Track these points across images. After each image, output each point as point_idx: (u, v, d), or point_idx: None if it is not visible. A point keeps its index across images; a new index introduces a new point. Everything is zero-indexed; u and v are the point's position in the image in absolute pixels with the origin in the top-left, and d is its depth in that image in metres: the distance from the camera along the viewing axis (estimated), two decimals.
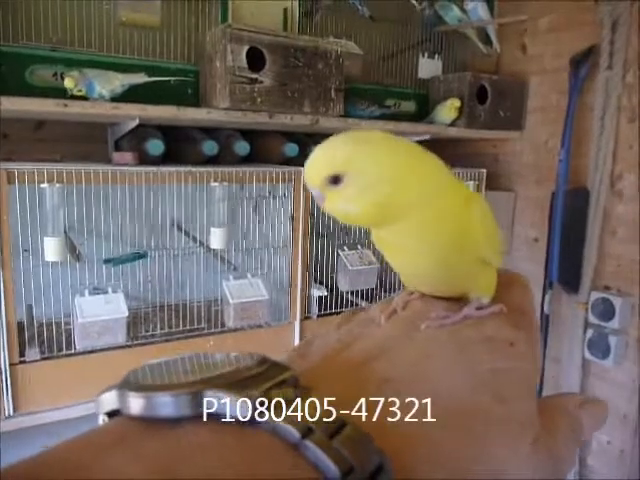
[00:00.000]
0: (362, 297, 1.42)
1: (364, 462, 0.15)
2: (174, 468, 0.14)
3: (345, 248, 1.38)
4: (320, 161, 0.24)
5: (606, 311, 1.41)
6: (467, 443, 0.18)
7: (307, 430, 0.15)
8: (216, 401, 0.16)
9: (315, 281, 1.35)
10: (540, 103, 1.59)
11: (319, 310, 1.35)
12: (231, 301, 1.18)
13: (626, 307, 1.39)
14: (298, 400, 0.16)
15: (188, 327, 1.20)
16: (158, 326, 1.19)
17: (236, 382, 0.16)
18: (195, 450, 0.15)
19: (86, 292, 1.08)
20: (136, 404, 0.16)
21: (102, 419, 0.17)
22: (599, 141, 1.41)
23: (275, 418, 0.15)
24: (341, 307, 1.37)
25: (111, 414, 0.17)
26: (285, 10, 1.36)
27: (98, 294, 1.09)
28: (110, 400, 0.17)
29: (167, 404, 0.16)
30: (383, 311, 0.25)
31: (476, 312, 0.24)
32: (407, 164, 0.24)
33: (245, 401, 0.15)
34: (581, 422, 0.23)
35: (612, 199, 1.41)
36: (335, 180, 0.24)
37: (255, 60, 1.15)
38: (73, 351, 1.06)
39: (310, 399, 0.16)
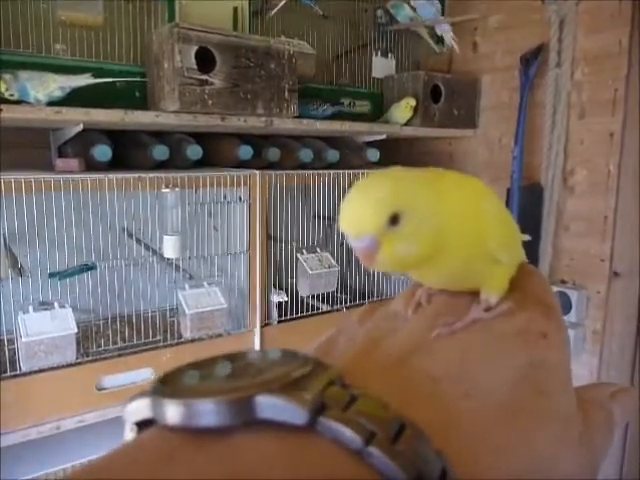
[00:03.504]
0: (323, 301, 1.40)
1: (430, 467, 0.14)
2: (235, 472, 0.12)
3: (304, 252, 1.35)
4: (372, 203, 0.22)
5: (563, 305, 1.43)
6: (519, 440, 0.18)
7: (369, 434, 0.14)
8: (269, 407, 0.14)
9: (274, 286, 1.32)
10: (492, 101, 1.61)
11: (279, 316, 1.32)
12: (187, 311, 1.13)
13: (582, 300, 1.41)
14: (352, 401, 0.15)
15: (143, 340, 1.15)
16: (110, 340, 1.13)
17: (286, 385, 0.14)
18: (258, 464, 0.13)
19: (30, 308, 1.01)
20: (174, 412, 0.14)
21: (130, 430, 0.15)
22: (551, 137, 1.43)
23: (333, 423, 0.14)
24: (302, 312, 1.34)
25: (140, 424, 0.15)
26: (235, 9, 1.32)
27: (44, 310, 1.03)
28: (141, 408, 0.15)
29: (211, 412, 0.14)
30: (407, 304, 0.24)
31: (485, 314, 0.23)
32: (433, 188, 0.24)
33: (301, 406, 0.14)
34: (613, 414, 0.22)
35: (565, 194, 1.44)
36: (394, 220, 0.22)
37: (205, 61, 1.11)
38: (18, 372, 1.00)
39: (367, 400, 0.15)
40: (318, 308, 1.39)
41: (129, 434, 0.15)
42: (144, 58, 1.20)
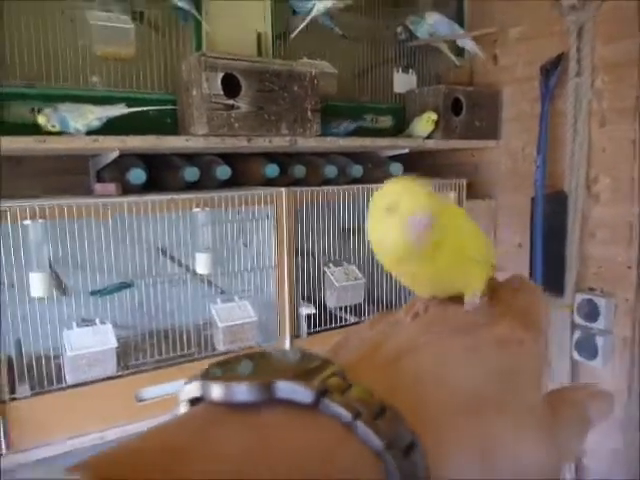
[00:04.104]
0: (350, 312, 1.44)
1: (401, 439, 0.18)
2: (261, 440, 0.17)
3: (331, 265, 1.39)
4: (429, 193, 0.28)
5: (591, 312, 1.43)
6: (483, 428, 0.21)
7: (357, 412, 0.18)
8: (286, 389, 0.19)
9: (303, 299, 1.36)
10: (514, 112, 1.63)
11: (308, 328, 1.36)
12: (220, 325, 1.19)
13: (610, 307, 1.41)
14: (348, 389, 0.19)
15: (179, 353, 1.20)
16: (148, 354, 1.19)
17: (300, 374, 0.19)
18: (273, 427, 0.18)
19: (74, 325, 1.08)
20: (217, 391, 0.19)
21: (184, 406, 0.20)
22: (573, 146, 1.44)
23: (332, 403, 0.19)
24: (330, 324, 1.38)
25: (191, 402, 0.20)
26: (259, 34, 1.38)
27: (86, 326, 1.09)
28: (193, 389, 0.20)
29: (244, 391, 0.19)
30: (408, 313, 0.29)
31: (474, 305, 0.29)
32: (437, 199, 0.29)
33: (308, 389, 0.19)
34: (588, 413, 0.25)
35: (589, 202, 1.44)
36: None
37: (231, 86, 1.17)
38: (64, 385, 1.06)
39: (358, 388, 0.20)
40: (346, 319, 1.43)
41: (182, 409, 0.20)
42: (174, 86, 1.26)
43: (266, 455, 0.17)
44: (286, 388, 0.19)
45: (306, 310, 1.34)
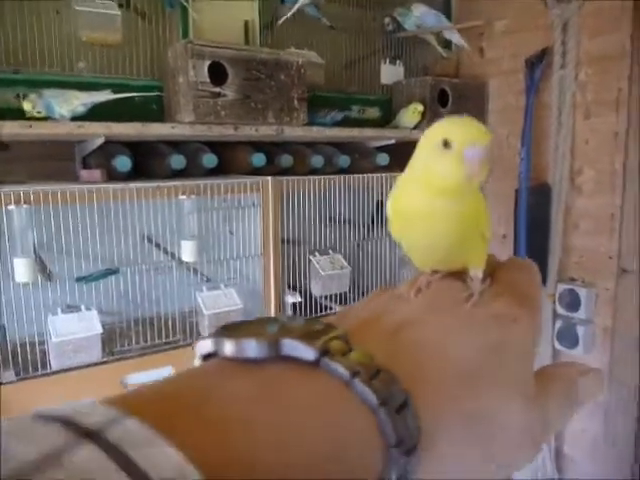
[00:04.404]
0: (336, 301, 1.45)
1: (394, 397, 0.20)
2: (268, 387, 0.19)
3: (317, 254, 1.40)
4: (486, 128, 0.29)
5: (572, 302, 1.45)
6: (475, 396, 0.23)
7: (355, 372, 0.20)
8: (290, 347, 0.20)
9: (289, 287, 1.37)
10: (500, 104, 1.64)
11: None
12: (205, 312, 1.19)
13: (591, 297, 1.44)
14: (348, 351, 0.21)
15: (164, 340, 1.21)
16: (134, 340, 1.19)
17: (304, 334, 0.21)
18: (279, 377, 0.20)
19: (59, 311, 1.08)
20: (230, 347, 0.20)
21: (198, 360, 0.22)
22: (557, 138, 1.46)
23: (333, 362, 0.20)
24: (315, 312, 1.39)
25: (205, 357, 0.22)
26: (246, 22, 1.38)
27: (71, 312, 1.09)
28: (207, 345, 0.21)
29: (253, 348, 0.20)
30: (411, 288, 0.30)
31: (477, 288, 0.30)
32: None
33: (312, 348, 0.20)
34: (577, 389, 0.27)
35: (573, 193, 1.46)
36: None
37: (218, 74, 1.18)
38: (49, 370, 1.07)
39: (358, 351, 0.21)
40: (331, 308, 1.44)
41: (197, 362, 0.22)
42: (161, 73, 1.26)
43: (271, 400, 0.19)
44: (291, 346, 0.20)
45: (292, 298, 1.35)
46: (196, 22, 1.30)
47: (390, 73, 1.67)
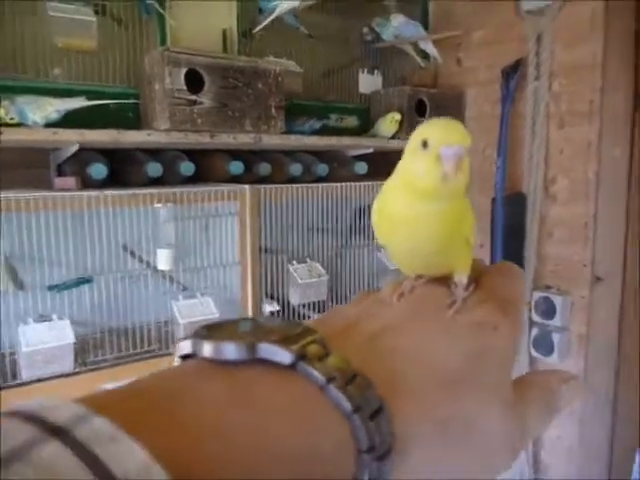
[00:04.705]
0: (314, 309, 1.44)
1: (369, 403, 0.20)
2: (243, 390, 0.19)
3: (294, 262, 1.39)
4: (465, 130, 0.28)
5: (548, 309, 1.47)
6: (448, 400, 0.23)
7: (331, 377, 0.20)
8: (268, 350, 0.20)
9: (266, 296, 1.37)
10: (476, 113, 1.66)
11: None
12: (181, 321, 1.18)
13: (566, 305, 1.45)
14: (325, 356, 0.21)
15: (139, 350, 1.19)
16: (107, 350, 1.18)
17: (282, 338, 0.21)
18: (255, 380, 0.20)
19: (30, 320, 1.06)
20: (208, 349, 0.20)
21: (177, 361, 0.22)
22: (532, 148, 1.48)
23: (308, 366, 0.20)
24: (293, 320, 1.38)
25: (184, 358, 0.22)
26: (224, 31, 1.38)
27: (43, 322, 1.07)
28: (186, 346, 0.21)
29: (231, 350, 0.20)
30: (394, 293, 0.30)
31: (461, 295, 0.29)
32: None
33: (288, 352, 0.20)
34: (556, 396, 0.27)
35: (547, 202, 1.48)
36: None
37: (194, 81, 1.17)
38: (19, 381, 1.04)
39: (335, 356, 0.21)
40: (309, 316, 1.44)
41: (176, 363, 0.22)
42: (137, 80, 1.25)
43: (245, 403, 0.19)
44: (268, 349, 0.20)
45: (269, 307, 1.34)
46: (173, 29, 1.30)
47: (368, 82, 1.68)
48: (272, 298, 1.37)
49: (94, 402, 0.16)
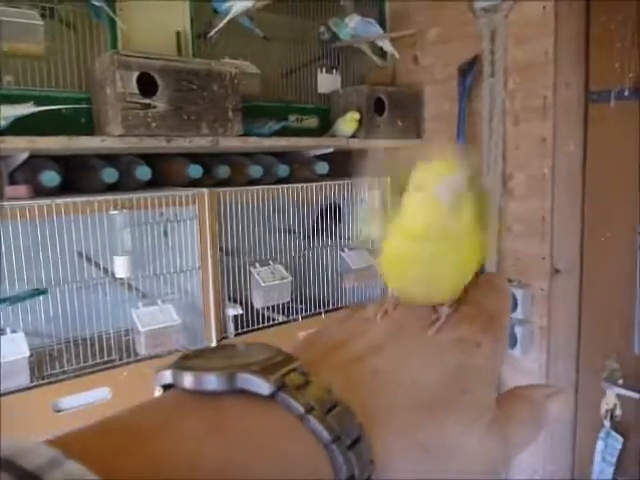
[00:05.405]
0: (278, 311, 1.44)
1: (348, 433, 0.20)
2: (221, 423, 0.19)
3: (257, 265, 1.38)
4: (459, 167, 0.27)
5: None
6: (429, 423, 0.23)
7: (310, 407, 0.20)
8: (247, 381, 0.20)
9: (229, 300, 1.35)
10: (434, 111, 1.68)
11: (236, 329, 1.35)
12: (141, 329, 1.16)
13: (527, 297, 1.48)
14: (305, 385, 0.21)
15: (99, 360, 1.17)
16: (66, 362, 1.15)
17: (262, 368, 0.21)
18: (233, 412, 0.20)
19: None
20: (188, 380, 0.21)
21: (158, 391, 0.22)
22: (489, 144, 1.50)
23: (287, 397, 0.20)
24: (258, 324, 1.38)
25: (165, 387, 0.22)
26: (178, 33, 1.36)
27: None
28: (166, 376, 0.22)
29: (212, 381, 0.20)
30: (377, 311, 0.30)
31: (445, 313, 0.29)
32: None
33: (267, 382, 0.20)
34: (544, 410, 0.27)
35: (505, 197, 1.50)
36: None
37: (148, 85, 1.15)
38: None
39: (315, 384, 0.21)
40: (274, 319, 1.43)
41: (157, 393, 0.22)
42: (89, 85, 1.23)
43: (223, 436, 0.19)
44: (247, 380, 0.20)
45: (232, 311, 1.33)
46: (125, 33, 1.27)
47: (327, 82, 1.68)
48: (235, 302, 1.36)
49: (69, 442, 0.16)
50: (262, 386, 0.20)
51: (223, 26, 1.36)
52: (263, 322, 1.39)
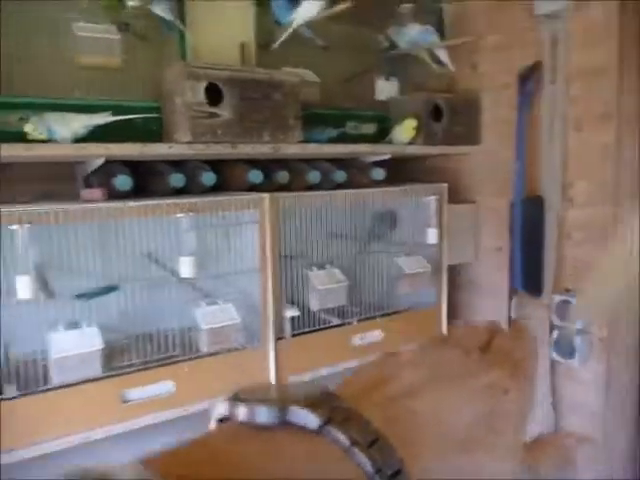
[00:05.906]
0: (334, 314, 1.47)
1: (389, 465, 0.22)
2: (274, 450, 0.22)
3: (314, 268, 1.42)
4: None
5: (568, 312, 1.47)
6: (466, 459, 0.26)
7: (354, 440, 0.22)
8: (297, 415, 0.23)
9: (287, 301, 1.39)
10: (493, 118, 1.67)
11: (292, 329, 1.39)
12: (203, 327, 1.21)
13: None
14: (349, 420, 0.23)
15: (163, 355, 1.23)
16: (133, 356, 1.22)
17: (310, 403, 0.23)
18: (286, 444, 0.22)
19: (60, 327, 1.11)
20: (243, 412, 0.23)
21: (215, 423, 0.25)
22: (549, 151, 1.48)
23: (334, 430, 0.23)
24: (313, 325, 1.41)
25: (221, 420, 0.25)
26: (242, 44, 1.42)
27: (73, 329, 1.12)
28: (222, 409, 0.24)
29: (264, 413, 0.23)
30: (415, 357, 0.33)
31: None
32: None
33: (316, 416, 0.23)
34: (572, 454, 0.31)
35: (565, 205, 1.48)
36: None
37: (214, 94, 1.21)
38: (50, 386, 1.09)
39: (359, 419, 0.24)
40: (329, 322, 1.46)
41: (213, 425, 0.25)
42: (159, 94, 1.30)
43: (277, 462, 0.21)
44: (298, 414, 0.23)
45: (290, 312, 1.37)
46: (193, 45, 1.34)
47: (385, 89, 1.70)
48: (292, 303, 1.40)
49: (154, 465, 0.19)
50: (311, 419, 0.23)
51: (284, 38, 1.40)
52: (319, 324, 1.43)
